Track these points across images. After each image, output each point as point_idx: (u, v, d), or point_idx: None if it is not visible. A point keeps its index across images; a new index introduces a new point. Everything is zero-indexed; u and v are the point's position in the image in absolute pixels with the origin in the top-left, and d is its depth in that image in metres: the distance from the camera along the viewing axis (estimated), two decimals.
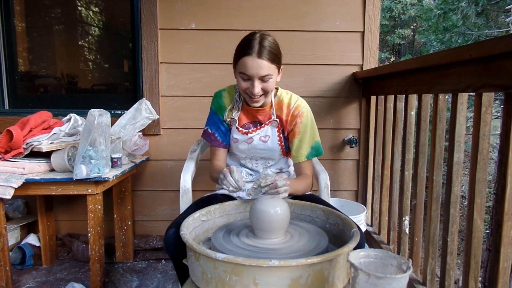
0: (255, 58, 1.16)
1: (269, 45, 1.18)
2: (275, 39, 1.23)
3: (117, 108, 2.19)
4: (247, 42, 1.19)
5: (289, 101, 1.35)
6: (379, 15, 2.14)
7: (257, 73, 1.18)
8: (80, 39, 2.40)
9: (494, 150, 7.30)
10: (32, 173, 1.57)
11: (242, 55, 1.19)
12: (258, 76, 1.19)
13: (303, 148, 1.33)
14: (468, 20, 7.01)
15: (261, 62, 1.17)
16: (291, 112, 1.34)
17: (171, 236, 1.07)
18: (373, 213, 2.09)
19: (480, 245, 1.20)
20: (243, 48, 1.20)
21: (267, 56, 1.17)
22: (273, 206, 0.95)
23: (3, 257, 1.57)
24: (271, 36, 1.23)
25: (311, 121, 1.35)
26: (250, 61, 1.17)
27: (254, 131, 1.35)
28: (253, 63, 1.17)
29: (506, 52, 0.96)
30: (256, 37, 1.19)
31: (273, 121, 1.34)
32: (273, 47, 1.20)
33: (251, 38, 1.19)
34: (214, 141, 1.40)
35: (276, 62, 1.21)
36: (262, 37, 1.19)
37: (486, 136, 1.14)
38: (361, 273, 0.68)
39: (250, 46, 1.17)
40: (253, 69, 1.18)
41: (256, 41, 1.17)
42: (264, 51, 1.17)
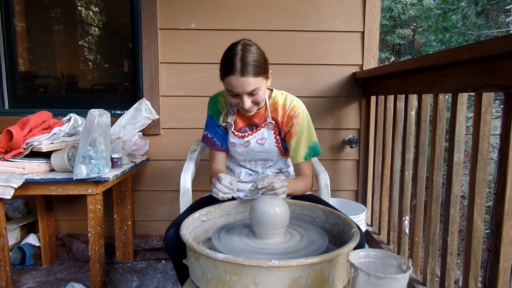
0: (238, 77, 1.12)
1: (252, 59, 1.13)
2: (258, 48, 1.18)
3: (117, 108, 2.19)
4: (229, 59, 1.14)
5: (284, 102, 1.33)
6: (379, 15, 2.14)
7: (243, 91, 1.15)
8: (80, 39, 2.40)
9: (494, 150, 7.30)
10: (32, 173, 1.57)
11: (226, 74, 1.15)
12: (246, 93, 1.16)
13: (301, 149, 1.32)
14: (468, 20, 7.01)
15: (246, 79, 1.12)
16: (286, 113, 1.32)
17: (170, 237, 1.07)
18: (373, 213, 2.09)
19: (480, 245, 1.20)
20: (225, 67, 1.15)
21: (252, 72, 1.12)
22: (273, 206, 0.95)
23: (3, 257, 1.57)
24: (253, 45, 1.17)
25: (308, 122, 1.33)
26: (234, 80, 1.13)
27: (250, 134, 1.34)
28: (238, 82, 1.13)
29: (506, 52, 0.96)
30: (238, 51, 1.13)
31: (268, 123, 1.33)
32: (257, 59, 1.14)
33: (232, 54, 1.13)
34: (213, 146, 1.40)
35: (262, 73, 1.16)
36: (244, 49, 1.13)
37: (486, 136, 1.14)
38: (361, 273, 0.68)
39: (232, 65, 1.12)
40: (238, 87, 1.14)
41: (238, 57, 1.12)
42: (248, 68, 1.11)
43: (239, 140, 1.35)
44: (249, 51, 1.14)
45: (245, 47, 1.14)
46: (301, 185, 1.30)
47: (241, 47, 1.14)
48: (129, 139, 1.95)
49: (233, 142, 1.37)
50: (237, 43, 1.16)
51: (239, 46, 1.14)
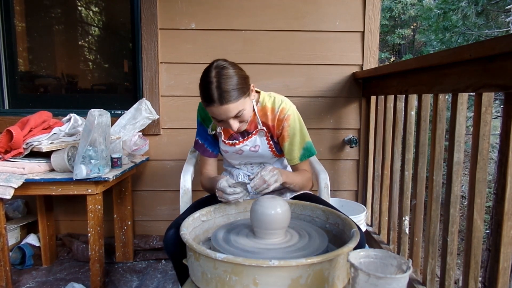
0: (218, 106, 1.08)
1: (229, 84, 1.07)
2: (233, 67, 1.12)
3: (117, 108, 2.19)
4: (205, 89, 1.09)
5: (272, 105, 1.28)
6: (379, 15, 2.14)
7: (227, 117, 1.13)
8: (80, 39, 2.40)
9: (494, 150, 7.29)
10: (32, 173, 1.57)
11: (205, 104, 1.11)
12: (230, 118, 1.13)
13: (295, 151, 1.30)
14: (468, 20, 7.01)
15: (227, 107, 1.09)
16: (276, 116, 1.28)
17: (170, 237, 1.07)
18: (373, 213, 2.09)
19: (480, 245, 1.20)
20: (203, 97, 1.11)
21: (230, 98, 1.08)
22: (273, 207, 0.95)
23: (3, 257, 1.57)
24: (228, 67, 1.10)
25: (299, 122, 1.30)
26: (215, 110, 1.10)
27: (242, 142, 1.31)
28: (219, 111, 1.10)
29: (506, 52, 0.96)
30: (212, 78, 1.07)
31: (260, 130, 1.30)
32: (234, 83, 1.08)
33: (207, 82, 1.08)
34: (204, 152, 1.39)
35: (242, 94, 1.11)
36: (219, 75, 1.07)
37: (486, 136, 1.14)
38: (361, 273, 0.68)
39: (210, 95, 1.07)
40: (221, 115, 1.12)
41: (213, 85, 1.06)
42: (226, 96, 1.07)
43: (231, 147, 1.33)
44: (224, 76, 1.08)
45: (219, 72, 1.08)
46: (299, 178, 1.28)
47: (215, 73, 1.08)
48: (129, 139, 1.95)
49: (226, 150, 1.36)
50: (210, 68, 1.10)
51: (213, 72, 1.08)
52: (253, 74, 2.10)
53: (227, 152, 1.36)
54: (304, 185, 1.32)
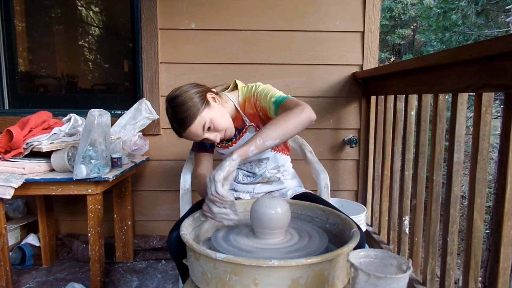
0: (185, 133, 1.16)
1: (181, 111, 1.12)
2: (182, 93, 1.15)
3: (117, 108, 2.19)
4: (170, 124, 1.19)
5: (248, 94, 1.29)
6: (379, 15, 2.14)
7: (198, 136, 1.17)
8: (80, 39, 2.40)
9: (494, 150, 7.30)
10: (32, 173, 1.57)
11: (178, 136, 1.20)
12: (203, 134, 1.17)
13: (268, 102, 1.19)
14: (468, 19, 7.02)
15: (190, 129, 1.14)
16: (252, 103, 1.28)
17: (174, 239, 1.07)
18: (373, 213, 2.09)
19: (480, 245, 1.20)
20: (173, 131, 1.20)
21: (188, 122, 1.13)
22: (273, 206, 0.94)
23: (3, 257, 1.57)
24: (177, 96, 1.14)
25: (265, 86, 1.26)
26: (187, 136, 1.18)
27: (235, 142, 1.31)
28: (190, 136, 1.17)
29: (506, 52, 0.96)
30: (170, 114, 1.16)
31: (249, 126, 1.29)
32: (185, 108, 1.12)
33: (169, 118, 1.17)
34: (202, 147, 1.35)
35: (198, 111, 1.13)
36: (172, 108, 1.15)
37: (486, 136, 1.14)
38: (361, 273, 0.68)
39: (174, 129, 1.17)
40: (194, 138, 1.18)
41: (172, 119, 1.16)
42: (183, 122, 1.13)
43: (226, 150, 1.34)
44: (176, 105, 1.14)
45: (171, 104, 1.15)
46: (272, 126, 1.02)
47: (169, 108, 1.16)
48: (129, 139, 1.95)
49: (222, 153, 1.36)
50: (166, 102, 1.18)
51: (168, 108, 1.16)
52: (253, 74, 2.13)
53: (223, 154, 1.36)
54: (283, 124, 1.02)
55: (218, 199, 0.95)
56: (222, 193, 0.94)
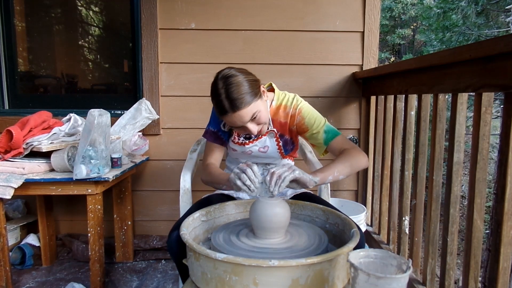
0: (232, 114, 1.11)
1: (238, 92, 1.09)
2: (241, 74, 1.12)
3: (117, 108, 2.19)
4: (216, 101, 1.12)
5: (286, 103, 1.31)
6: (379, 15, 2.14)
7: (243, 123, 1.14)
8: (80, 39, 2.40)
9: (494, 150, 7.30)
10: (32, 173, 1.57)
11: (220, 115, 1.14)
12: (246, 123, 1.15)
13: (319, 135, 1.27)
14: (468, 19, 7.02)
15: (240, 113, 1.11)
16: (289, 113, 1.30)
17: (174, 239, 1.07)
18: (373, 213, 2.09)
19: (480, 245, 1.20)
20: (217, 110, 1.14)
21: (242, 105, 1.10)
22: (273, 206, 0.94)
23: (3, 257, 1.57)
24: (234, 74, 1.11)
25: (313, 111, 1.30)
26: (230, 118, 1.13)
27: (252, 142, 1.32)
28: (234, 119, 1.13)
29: (506, 52, 0.96)
30: (220, 90, 1.10)
31: (270, 131, 1.31)
32: (242, 90, 1.10)
33: (217, 94, 1.11)
34: (217, 139, 1.35)
35: (254, 97, 1.13)
36: (226, 85, 1.09)
37: (486, 136, 1.14)
38: (361, 273, 0.68)
39: (222, 107, 1.11)
40: (237, 122, 1.14)
41: (223, 96, 1.09)
42: (237, 104, 1.09)
43: (240, 147, 1.34)
44: (232, 84, 1.09)
45: (226, 82, 1.10)
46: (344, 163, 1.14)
47: (222, 84, 1.10)
48: (129, 139, 1.95)
49: (234, 148, 1.36)
50: (217, 80, 1.12)
51: (220, 83, 1.11)
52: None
53: (235, 151, 1.36)
54: (352, 165, 1.16)
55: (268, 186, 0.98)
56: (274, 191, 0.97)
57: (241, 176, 1.00)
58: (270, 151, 1.34)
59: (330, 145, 1.26)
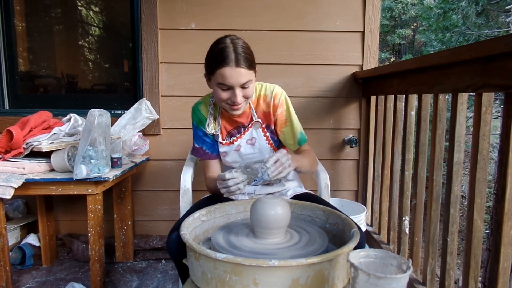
0: (233, 67, 1.12)
1: (244, 51, 1.15)
2: (245, 42, 1.20)
3: (117, 108, 2.19)
4: (220, 51, 1.14)
5: (264, 93, 1.32)
6: (379, 15, 2.14)
7: (237, 82, 1.15)
8: (80, 39, 2.40)
9: (494, 150, 7.30)
10: (32, 173, 1.57)
11: (219, 66, 1.14)
12: (239, 85, 1.16)
13: (295, 134, 1.33)
14: (468, 19, 7.02)
15: (240, 70, 1.13)
16: (271, 103, 1.31)
17: (173, 240, 1.07)
18: (373, 213, 2.09)
19: (480, 245, 1.20)
20: (217, 59, 1.14)
21: (245, 63, 1.14)
22: (273, 206, 0.94)
23: (3, 257, 1.57)
24: (240, 39, 1.19)
25: (291, 108, 1.34)
26: (228, 71, 1.13)
27: (239, 137, 1.33)
28: (232, 73, 1.13)
29: (506, 52, 0.96)
30: (228, 43, 1.14)
31: (255, 122, 1.32)
32: (248, 52, 1.17)
33: (223, 46, 1.14)
34: (203, 155, 1.37)
35: (253, 67, 1.19)
36: (234, 42, 1.15)
37: (486, 136, 1.14)
38: (361, 273, 0.68)
39: (226, 56, 1.12)
40: (232, 79, 1.14)
41: (230, 48, 1.13)
42: (241, 59, 1.13)
43: (229, 147, 1.34)
44: (239, 43, 1.16)
45: (233, 40, 1.16)
46: (305, 160, 1.26)
47: (230, 40, 1.16)
48: (129, 139, 1.95)
49: (224, 151, 1.35)
50: (223, 37, 1.18)
51: (227, 40, 1.16)
52: None
53: (226, 154, 1.36)
54: (312, 167, 1.32)
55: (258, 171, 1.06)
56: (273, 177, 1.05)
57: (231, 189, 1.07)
58: (258, 143, 1.33)
59: (301, 147, 1.35)
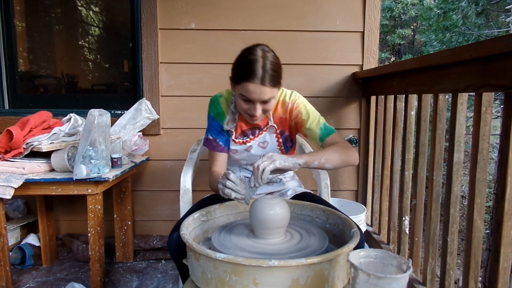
0: (258, 84, 1.10)
1: (272, 68, 1.11)
2: (275, 55, 1.16)
3: (117, 108, 2.19)
4: (249, 64, 1.11)
5: (283, 98, 1.31)
6: (379, 15, 2.14)
7: (259, 98, 1.14)
8: (80, 39, 2.40)
9: (494, 150, 7.30)
10: (32, 173, 1.57)
11: (244, 79, 1.11)
12: (261, 101, 1.15)
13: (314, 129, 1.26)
14: (468, 19, 7.02)
15: (265, 88, 1.11)
16: (288, 108, 1.30)
17: (174, 240, 1.06)
18: (373, 213, 2.09)
19: (480, 245, 1.20)
20: (245, 72, 1.11)
21: (271, 82, 1.11)
22: (273, 206, 0.94)
23: (3, 257, 1.57)
24: (271, 52, 1.15)
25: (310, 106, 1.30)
26: (252, 87, 1.11)
27: (253, 139, 1.33)
28: (256, 89, 1.11)
29: (506, 52, 0.96)
30: (258, 57, 1.11)
31: (270, 127, 1.31)
32: (275, 69, 1.13)
33: (253, 59, 1.11)
34: (216, 147, 1.34)
35: (278, 83, 1.16)
36: (264, 56, 1.11)
37: (486, 136, 1.14)
38: (361, 273, 0.68)
39: (253, 71, 1.09)
40: (255, 94, 1.12)
41: (259, 64, 1.10)
42: (268, 77, 1.10)
43: (241, 146, 1.33)
44: (269, 58, 1.12)
45: (265, 54, 1.12)
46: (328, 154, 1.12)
47: (261, 53, 1.11)
48: (129, 139, 1.95)
49: (235, 149, 1.34)
50: (255, 48, 1.13)
51: (259, 52, 1.12)
52: None
53: (236, 152, 1.35)
54: (346, 160, 1.16)
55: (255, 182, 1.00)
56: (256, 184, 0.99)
57: (225, 191, 1.03)
58: (269, 148, 1.33)
59: (325, 141, 1.26)
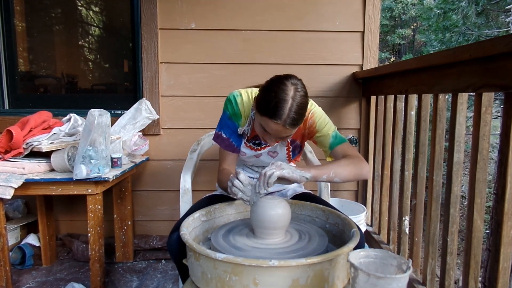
0: (280, 125, 1.05)
1: (298, 111, 1.05)
2: (304, 93, 1.08)
3: (117, 108, 2.19)
4: (276, 104, 1.03)
5: None
6: (379, 15, 2.14)
7: (278, 136, 1.11)
8: (80, 39, 2.40)
9: (494, 150, 7.30)
10: (32, 173, 1.57)
11: (268, 116, 1.06)
12: (279, 137, 1.13)
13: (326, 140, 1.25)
14: (468, 19, 7.02)
15: (285, 130, 1.07)
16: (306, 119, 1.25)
17: (174, 240, 1.06)
18: (373, 213, 2.09)
19: (480, 245, 1.20)
20: (270, 110, 1.04)
21: (294, 125, 1.07)
22: (273, 207, 0.94)
23: (3, 257, 1.57)
24: (302, 90, 1.07)
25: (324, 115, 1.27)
26: (274, 126, 1.06)
27: (263, 148, 1.31)
28: (277, 128, 1.07)
29: (506, 52, 0.96)
30: (288, 98, 1.03)
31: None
32: (301, 111, 1.07)
33: (281, 99, 1.03)
34: (228, 146, 1.31)
35: (300, 123, 1.11)
36: (294, 97, 1.04)
37: (486, 136, 1.14)
38: (361, 273, 0.68)
39: (278, 112, 1.03)
40: (275, 132, 1.09)
41: (287, 106, 1.03)
42: (291, 120, 1.05)
43: (251, 151, 1.32)
44: (297, 99, 1.05)
45: (295, 94, 1.05)
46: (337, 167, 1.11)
47: (292, 93, 1.04)
48: (129, 139, 1.95)
49: (245, 152, 1.33)
50: (287, 83, 1.06)
51: (290, 91, 1.04)
52: (253, 74, 2.13)
53: (245, 155, 1.34)
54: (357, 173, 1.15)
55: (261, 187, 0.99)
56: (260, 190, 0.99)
57: (232, 189, 1.03)
58: (278, 157, 1.33)
59: (334, 150, 1.24)
